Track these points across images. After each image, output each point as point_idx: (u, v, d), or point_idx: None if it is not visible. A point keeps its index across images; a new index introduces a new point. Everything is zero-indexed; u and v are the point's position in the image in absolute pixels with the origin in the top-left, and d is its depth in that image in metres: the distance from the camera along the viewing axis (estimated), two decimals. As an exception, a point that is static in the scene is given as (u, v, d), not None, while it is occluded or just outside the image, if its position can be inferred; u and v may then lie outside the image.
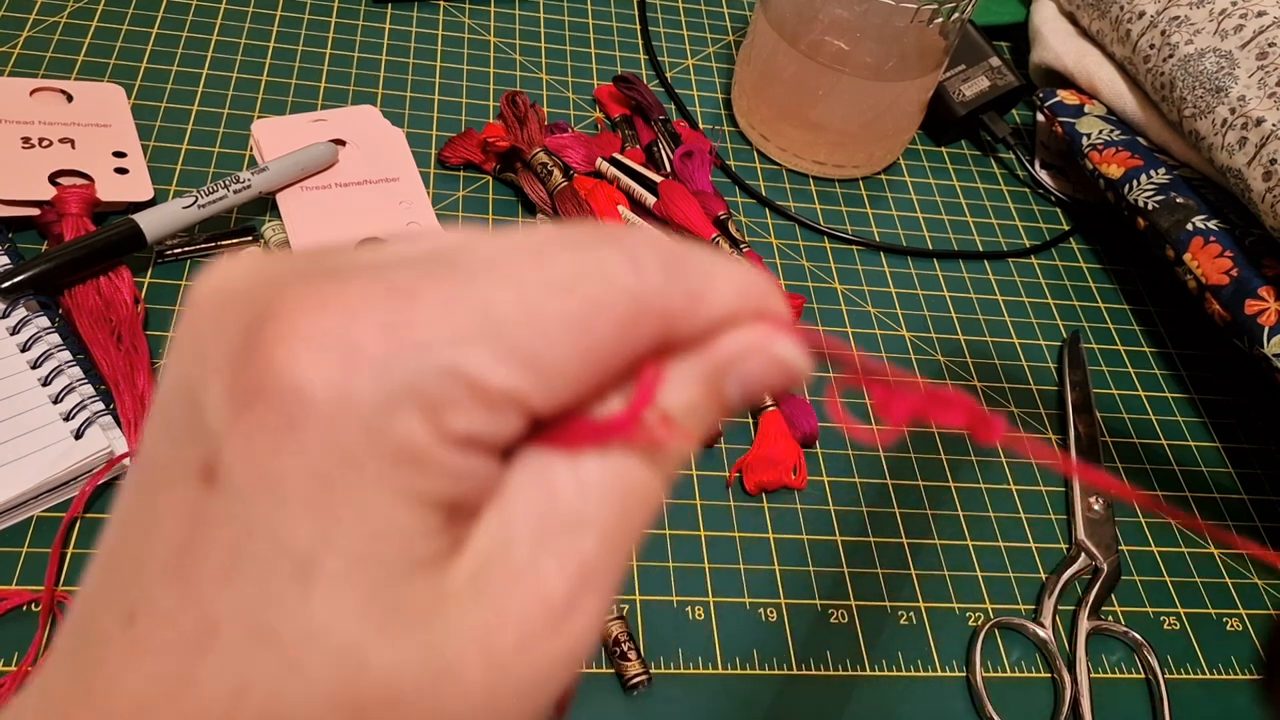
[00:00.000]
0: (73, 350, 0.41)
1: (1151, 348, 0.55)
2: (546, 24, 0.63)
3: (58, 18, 0.55)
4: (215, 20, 0.58)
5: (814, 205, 0.57)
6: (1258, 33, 0.50)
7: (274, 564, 0.13)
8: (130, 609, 0.14)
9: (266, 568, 0.13)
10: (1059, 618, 0.43)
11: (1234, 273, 0.49)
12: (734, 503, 0.44)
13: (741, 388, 0.16)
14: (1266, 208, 0.47)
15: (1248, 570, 0.47)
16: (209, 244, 0.47)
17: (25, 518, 0.37)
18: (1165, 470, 0.50)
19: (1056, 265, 0.58)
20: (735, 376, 0.16)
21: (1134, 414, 0.52)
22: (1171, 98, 0.54)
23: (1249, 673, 0.43)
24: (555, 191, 0.51)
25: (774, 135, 0.58)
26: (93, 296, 0.43)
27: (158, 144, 0.51)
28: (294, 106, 0.54)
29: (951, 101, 0.61)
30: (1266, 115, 0.48)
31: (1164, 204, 0.53)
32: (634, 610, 0.40)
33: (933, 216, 0.59)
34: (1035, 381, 0.52)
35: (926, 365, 0.51)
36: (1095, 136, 0.57)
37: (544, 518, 0.15)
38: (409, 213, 0.49)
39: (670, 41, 0.65)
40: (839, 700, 0.39)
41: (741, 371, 0.16)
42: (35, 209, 0.45)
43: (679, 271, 0.15)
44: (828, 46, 0.54)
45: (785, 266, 0.54)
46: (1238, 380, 0.55)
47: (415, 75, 0.58)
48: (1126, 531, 0.47)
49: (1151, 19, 0.55)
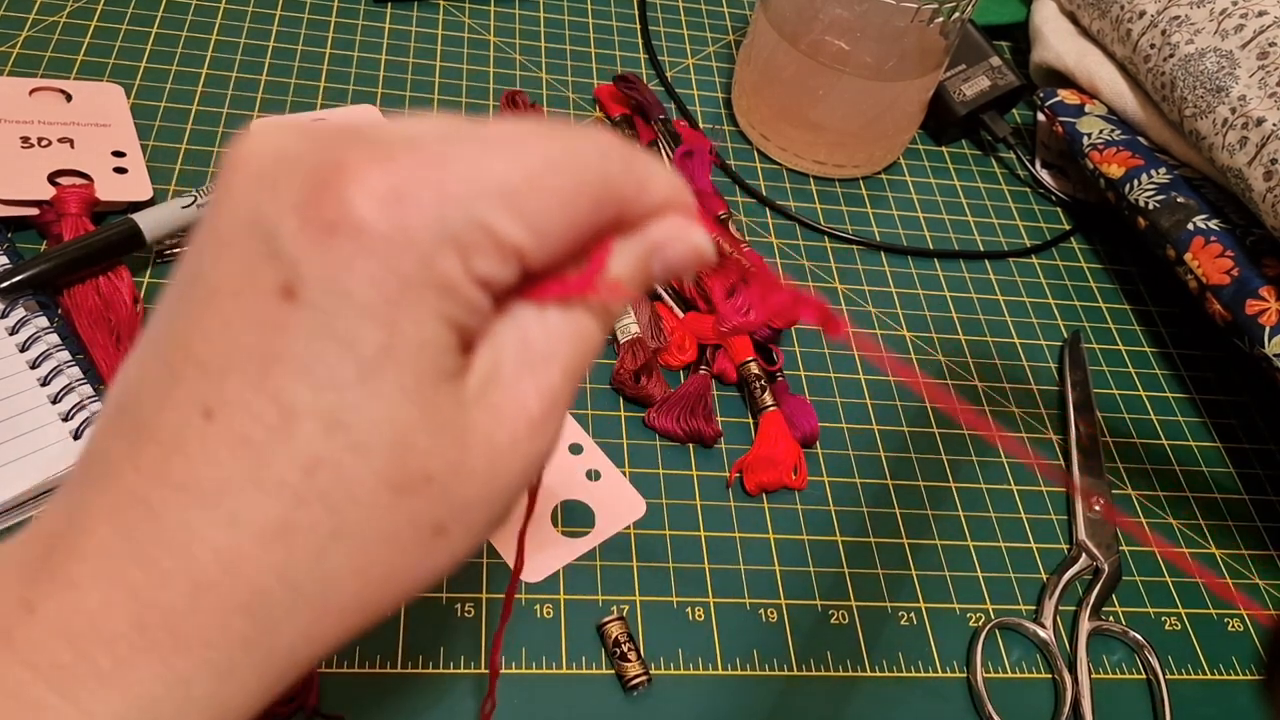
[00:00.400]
0: (72, 350, 0.41)
1: (1152, 348, 0.55)
2: (546, 24, 0.63)
3: (57, 17, 0.55)
4: (215, 20, 0.58)
5: (814, 205, 0.57)
6: (1258, 32, 0.50)
7: (343, 364, 0.17)
8: (207, 406, 0.17)
9: (337, 367, 0.17)
10: (1060, 618, 0.43)
11: (1235, 272, 0.49)
12: (734, 503, 0.44)
13: (664, 266, 0.21)
14: (1267, 207, 0.47)
15: (1249, 570, 0.47)
16: (208, 244, 0.47)
17: (24, 518, 0.37)
18: (1166, 470, 0.50)
19: (1057, 265, 0.58)
20: (660, 256, 0.20)
21: (1135, 414, 0.52)
22: (1172, 97, 0.53)
23: (1250, 673, 0.43)
24: (555, 191, 0.51)
25: (774, 135, 0.58)
26: (92, 296, 0.42)
27: (157, 144, 0.51)
28: (293, 106, 0.54)
29: (952, 101, 0.61)
30: (1267, 115, 0.48)
31: (1165, 204, 0.53)
32: (634, 611, 0.40)
33: (933, 216, 0.59)
34: (1036, 381, 0.52)
35: (927, 365, 0.51)
36: (1096, 136, 0.57)
37: (521, 353, 0.19)
38: (409, 212, 0.49)
39: (670, 41, 0.65)
40: (839, 701, 0.39)
41: (666, 252, 0.20)
42: (34, 209, 0.45)
43: (633, 165, 0.19)
44: (828, 46, 0.54)
45: (785, 266, 0.54)
46: (1238, 380, 0.55)
47: (415, 75, 0.58)
48: (1127, 531, 0.47)
49: (1152, 19, 0.55)
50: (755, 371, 0.47)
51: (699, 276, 0.48)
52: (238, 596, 0.17)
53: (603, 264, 0.20)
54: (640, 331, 0.47)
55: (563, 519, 0.42)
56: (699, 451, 0.45)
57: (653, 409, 0.45)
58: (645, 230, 0.20)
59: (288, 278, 0.16)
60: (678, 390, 0.46)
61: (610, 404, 0.46)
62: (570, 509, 0.42)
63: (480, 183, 0.17)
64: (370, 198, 0.16)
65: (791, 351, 0.50)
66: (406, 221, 0.16)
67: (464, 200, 0.17)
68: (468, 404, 0.18)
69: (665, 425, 0.45)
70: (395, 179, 0.17)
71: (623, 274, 0.20)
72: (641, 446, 0.45)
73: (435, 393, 0.17)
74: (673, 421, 0.45)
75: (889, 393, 0.50)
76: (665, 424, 0.45)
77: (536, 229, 0.18)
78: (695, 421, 0.45)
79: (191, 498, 0.16)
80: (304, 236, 0.16)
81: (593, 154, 0.19)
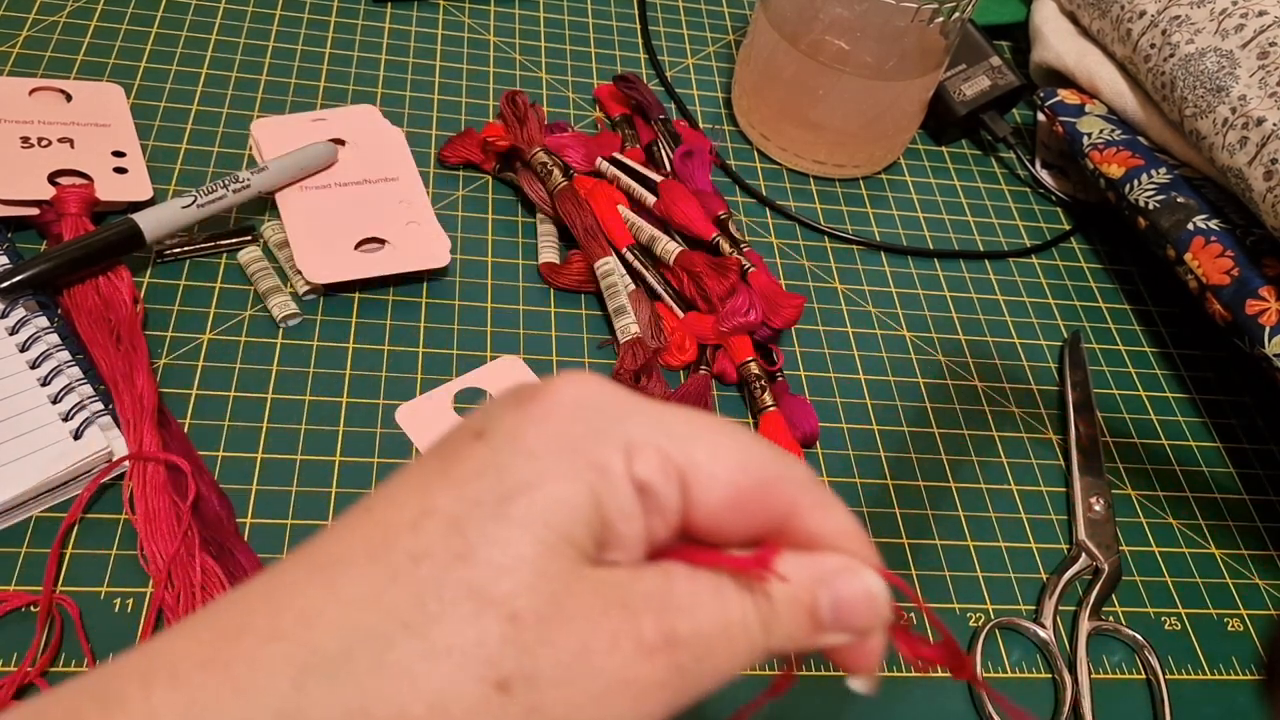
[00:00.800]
0: (72, 350, 0.41)
1: (1152, 348, 0.55)
2: (546, 24, 0.63)
3: (57, 17, 0.55)
4: (215, 20, 0.58)
5: (814, 205, 0.57)
6: (1258, 32, 0.50)
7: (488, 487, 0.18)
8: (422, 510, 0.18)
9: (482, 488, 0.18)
10: (1060, 618, 0.43)
11: (1235, 272, 0.49)
12: (734, 503, 0.44)
13: (832, 600, 0.20)
14: (1267, 207, 0.47)
15: (1249, 571, 0.47)
16: (208, 244, 0.47)
17: (24, 518, 0.37)
18: (1166, 470, 0.50)
19: (1057, 265, 0.58)
20: (830, 587, 0.20)
21: (1135, 414, 0.52)
22: (1172, 97, 0.53)
23: (1250, 673, 0.43)
24: (555, 191, 0.51)
25: (774, 135, 0.58)
26: (92, 296, 0.42)
27: (157, 144, 0.51)
28: (293, 106, 0.54)
29: (952, 101, 0.61)
30: (1267, 115, 0.48)
31: (1165, 204, 0.53)
32: (634, 611, 0.40)
33: (933, 216, 0.59)
34: (1036, 381, 0.52)
35: (927, 365, 0.51)
36: (1096, 136, 0.57)
37: (657, 593, 0.19)
38: (409, 213, 0.49)
39: (670, 41, 0.65)
40: (839, 700, 0.39)
41: (836, 584, 0.20)
42: (34, 209, 0.45)
43: (816, 486, 0.21)
44: (828, 46, 0.54)
45: (785, 266, 0.54)
46: (1238, 380, 0.55)
47: (415, 75, 0.58)
48: (1127, 532, 0.47)
49: (1152, 18, 0.55)
50: (755, 371, 0.47)
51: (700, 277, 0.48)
52: None
53: (772, 556, 0.19)
54: (640, 331, 0.47)
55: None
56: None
57: (653, 409, 0.45)
58: (817, 555, 0.20)
59: (485, 426, 0.19)
60: (678, 390, 0.46)
61: (610, 404, 0.46)
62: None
63: (670, 432, 0.19)
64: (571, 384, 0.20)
65: (791, 351, 0.50)
66: (595, 406, 0.19)
67: (657, 429, 0.19)
68: (582, 595, 0.18)
69: (665, 425, 0.45)
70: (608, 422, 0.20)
71: (791, 577, 0.20)
72: (641, 446, 0.45)
73: (557, 557, 0.18)
74: (673, 421, 0.45)
75: (889, 393, 0.50)
76: (665, 424, 0.45)
77: (709, 473, 0.19)
78: (695, 421, 0.45)
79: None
80: (510, 409, 0.20)
81: (778, 455, 0.20)
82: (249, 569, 0.37)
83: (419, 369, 0.45)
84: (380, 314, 0.47)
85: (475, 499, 0.18)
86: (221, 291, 0.46)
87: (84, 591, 0.36)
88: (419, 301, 0.48)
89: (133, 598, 0.36)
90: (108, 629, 0.35)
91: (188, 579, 0.36)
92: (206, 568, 0.36)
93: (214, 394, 0.42)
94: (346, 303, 0.47)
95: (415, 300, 0.48)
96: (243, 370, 0.43)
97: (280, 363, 0.44)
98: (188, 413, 0.42)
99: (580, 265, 0.49)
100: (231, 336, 0.44)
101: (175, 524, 0.37)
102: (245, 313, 0.45)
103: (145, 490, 0.38)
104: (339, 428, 0.43)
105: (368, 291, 0.48)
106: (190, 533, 0.37)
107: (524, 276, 0.50)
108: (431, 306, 0.48)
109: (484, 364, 0.46)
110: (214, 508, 0.38)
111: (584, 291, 0.50)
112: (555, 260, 0.50)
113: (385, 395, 0.44)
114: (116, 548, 0.37)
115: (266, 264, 0.47)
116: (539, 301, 0.49)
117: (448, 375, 0.45)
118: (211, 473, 0.40)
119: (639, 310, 0.48)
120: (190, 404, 0.42)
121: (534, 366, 0.46)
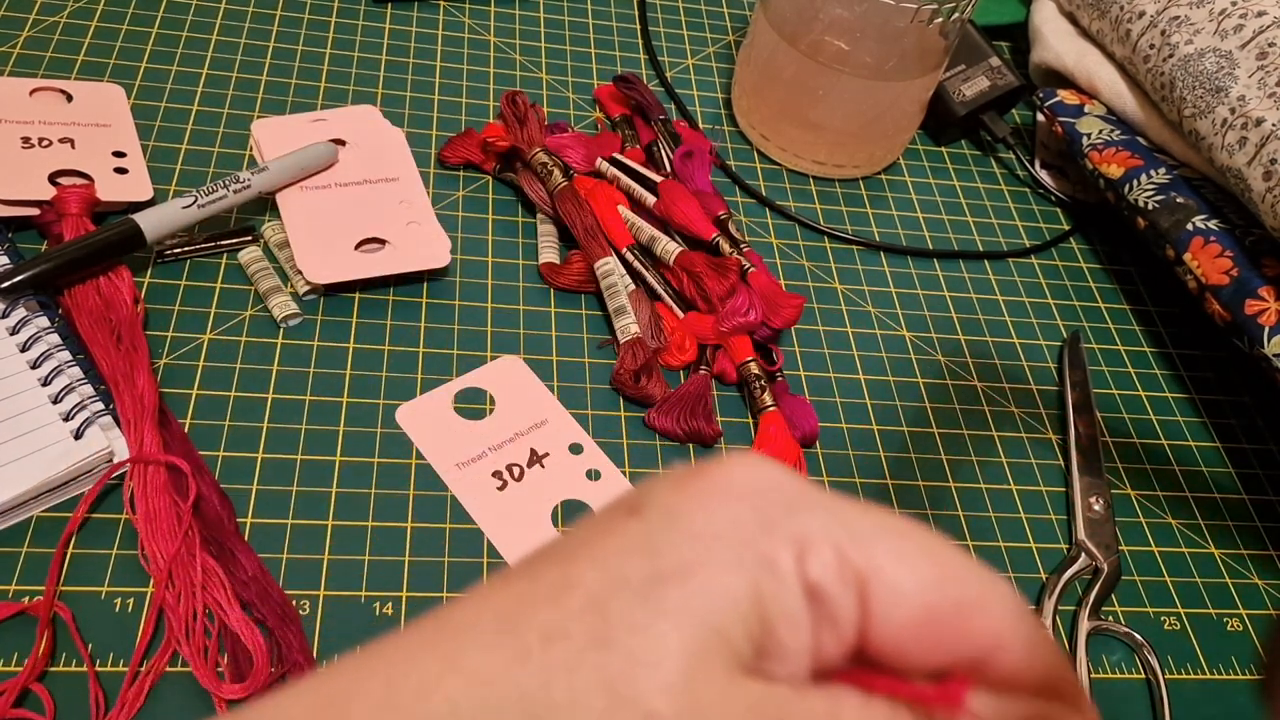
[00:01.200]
0: (72, 350, 0.41)
1: (1152, 348, 0.55)
2: (546, 24, 0.63)
3: (57, 18, 0.55)
4: (215, 20, 0.58)
5: (814, 205, 0.57)
6: (1258, 32, 0.50)
7: (637, 564, 0.16)
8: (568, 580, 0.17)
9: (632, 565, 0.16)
10: (1059, 618, 0.43)
11: (1234, 272, 0.49)
12: (734, 503, 0.44)
13: None
14: (1266, 207, 0.47)
15: (1248, 570, 0.47)
16: (209, 244, 0.47)
17: (25, 518, 0.37)
18: (1165, 470, 0.50)
19: (1056, 265, 0.58)
20: None
21: (1134, 414, 0.52)
22: (1171, 98, 0.54)
23: (1249, 673, 0.43)
24: (555, 191, 0.51)
25: (774, 135, 0.58)
26: (92, 296, 0.42)
27: (157, 144, 0.51)
28: (294, 106, 0.54)
29: (951, 101, 0.61)
30: (1266, 115, 0.48)
31: (1164, 204, 0.53)
32: (634, 610, 0.40)
33: (933, 216, 0.59)
34: (1035, 381, 0.52)
35: (927, 365, 0.51)
36: (1095, 136, 0.57)
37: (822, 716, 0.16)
38: (409, 213, 0.49)
39: (670, 41, 0.65)
40: None
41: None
42: (35, 209, 0.45)
43: (1024, 613, 0.18)
44: (828, 46, 0.54)
45: (785, 266, 0.54)
46: (1238, 380, 0.55)
47: (415, 75, 0.58)
48: (1127, 531, 0.47)
49: (1151, 19, 0.55)
50: (755, 371, 0.47)
51: (699, 279, 0.48)
52: None
53: (964, 690, 0.17)
54: (640, 331, 0.47)
55: (563, 519, 0.42)
56: (699, 451, 0.45)
57: (653, 409, 0.45)
58: (1018, 699, 0.17)
59: (642, 501, 0.18)
60: (678, 390, 0.46)
61: (610, 404, 0.46)
62: (570, 509, 0.42)
63: (856, 518, 0.17)
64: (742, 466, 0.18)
65: (791, 351, 0.50)
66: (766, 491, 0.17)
67: (829, 518, 0.17)
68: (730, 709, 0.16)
69: (665, 425, 0.45)
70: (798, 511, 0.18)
71: (982, 714, 0.17)
72: (642, 446, 0.45)
73: (706, 650, 0.16)
74: (673, 422, 0.45)
75: (889, 393, 0.50)
76: (665, 424, 0.45)
77: (894, 584, 0.17)
78: (695, 422, 0.45)
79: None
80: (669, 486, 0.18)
81: (979, 571, 0.17)
82: (249, 569, 0.37)
83: (419, 369, 0.45)
84: (380, 314, 0.47)
85: (622, 577, 0.16)
86: (222, 291, 0.46)
87: (84, 591, 0.36)
88: (419, 301, 0.48)
89: (133, 598, 0.36)
90: (108, 629, 0.35)
91: (188, 579, 0.36)
92: (207, 567, 0.36)
93: (214, 394, 0.42)
94: (347, 303, 0.47)
95: (415, 300, 0.48)
96: (243, 370, 0.43)
97: (280, 363, 0.44)
98: (188, 413, 0.42)
99: (580, 265, 0.49)
100: (232, 336, 0.44)
101: (176, 524, 0.37)
102: (246, 313, 0.45)
103: (146, 490, 0.38)
104: (339, 428, 0.43)
105: (368, 291, 0.48)
106: (191, 532, 0.37)
107: (524, 276, 0.50)
108: (432, 306, 0.48)
109: (484, 364, 0.46)
110: (214, 508, 0.38)
111: (584, 291, 0.50)
112: (555, 260, 0.50)
113: (385, 395, 0.44)
114: (117, 547, 0.37)
115: (267, 264, 0.47)
116: (539, 301, 0.49)
117: (448, 375, 0.45)
118: (212, 473, 0.40)
119: (639, 310, 0.48)
120: (190, 404, 0.42)
121: (534, 366, 0.47)
